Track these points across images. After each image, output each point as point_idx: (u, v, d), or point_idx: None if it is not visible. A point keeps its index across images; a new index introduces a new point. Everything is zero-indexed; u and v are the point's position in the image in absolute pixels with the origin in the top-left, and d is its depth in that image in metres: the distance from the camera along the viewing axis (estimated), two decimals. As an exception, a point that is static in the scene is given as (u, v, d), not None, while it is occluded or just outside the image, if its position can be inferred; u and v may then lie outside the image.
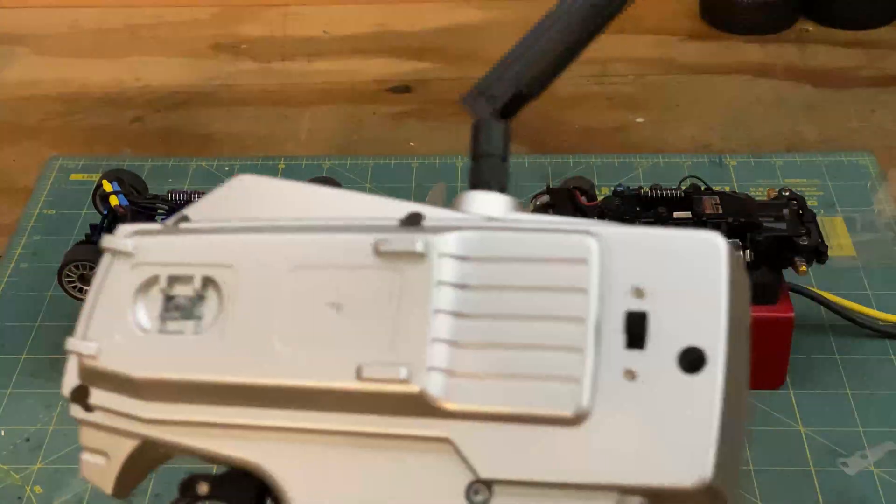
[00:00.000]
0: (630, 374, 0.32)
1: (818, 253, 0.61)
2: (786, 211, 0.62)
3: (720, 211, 0.61)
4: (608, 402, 0.32)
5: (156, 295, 0.36)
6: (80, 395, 0.37)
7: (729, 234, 0.61)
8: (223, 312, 0.35)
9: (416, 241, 0.34)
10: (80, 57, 0.98)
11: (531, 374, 0.32)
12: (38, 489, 0.59)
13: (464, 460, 0.33)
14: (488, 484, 0.33)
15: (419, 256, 0.34)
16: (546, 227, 0.35)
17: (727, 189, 0.68)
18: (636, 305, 0.33)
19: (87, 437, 0.38)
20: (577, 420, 0.32)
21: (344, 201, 0.37)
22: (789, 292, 0.63)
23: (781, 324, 0.61)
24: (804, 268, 0.61)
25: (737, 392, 0.33)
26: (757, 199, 0.64)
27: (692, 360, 0.32)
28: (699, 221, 0.61)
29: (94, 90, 0.93)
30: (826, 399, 0.63)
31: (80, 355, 0.36)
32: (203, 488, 0.37)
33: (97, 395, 0.37)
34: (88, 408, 0.37)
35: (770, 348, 0.62)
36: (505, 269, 0.34)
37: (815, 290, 0.66)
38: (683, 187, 0.64)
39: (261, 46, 0.98)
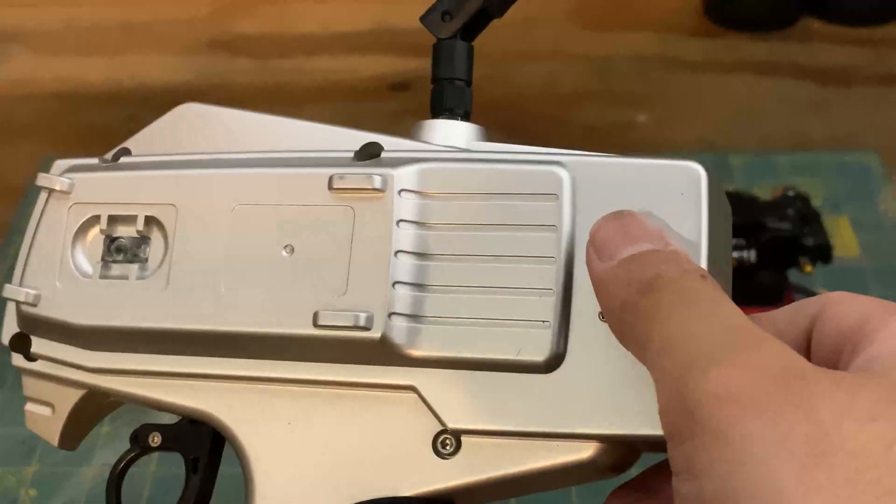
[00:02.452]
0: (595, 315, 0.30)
1: (823, 253, 0.61)
2: (790, 210, 0.62)
3: (724, 210, 0.61)
4: (582, 346, 0.30)
5: (96, 236, 0.34)
6: (20, 344, 0.35)
7: (734, 233, 0.60)
8: (169, 255, 0.33)
9: (374, 176, 0.32)
10: (76, 55, 0.97)
11: (500, 318, 0.31)
12: (32, 492, 0.58)
13: (430, 410, 0.31)
14: (456, 434, 0.31)
15: (377, 193, 0.32)
16: (514, 157, 0.32)
17: (731, 188, 0.67)
18: None
19: (31, 387, 0.36)
20: (549, 366, 0.30)
21: (295, 131, 0.35)
22: (794, 293, 0.62)
23: (786, 325, 0.61)
24: (809, 267, 0.60)
25: None
26: (761, 198, 0.63)
27: None
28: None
29: (90, 88, 0.92)
30: (831, 401, 0.62)
31: (18, 303, 0.35)
32: (156, 439, 0.36)
33: (39, 344, 0.35)
34: (30, 357, 0.35)
35: (775, 350, 0.62)
36: (470, 204, 0.31)
37: (819, 290, 0.65)
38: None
39: (258, 43, 0.98)
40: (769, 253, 0.60)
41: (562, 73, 0.93)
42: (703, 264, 0.30)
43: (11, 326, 0.36)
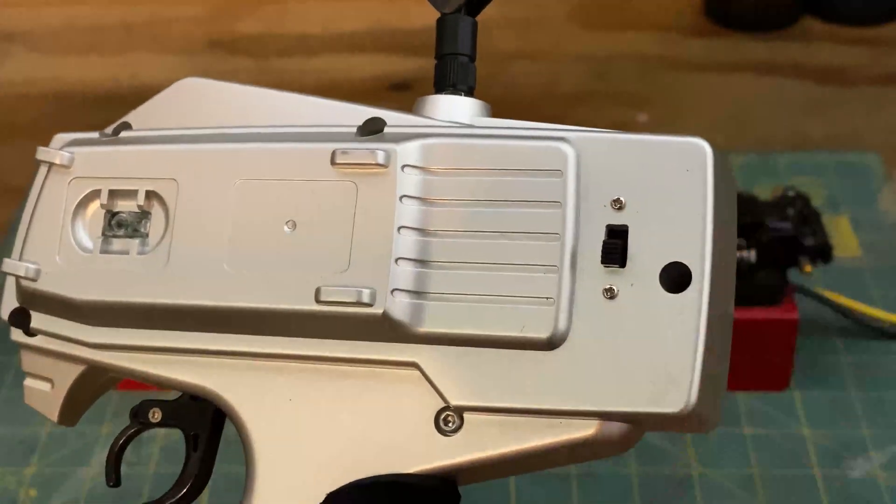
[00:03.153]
0: (610, 293, 0.30)
1: (823, 253, 0.61)
2: (790, 210, 0.61)
3: (724, 210, 0.61)
4: (586, 323, 0.30)
5: (97, 211, 0.34)
6: (20, 319, 0.36)
7: (732, 233, 0.60)
8: (170, 230, 0.33)
9: (377, 151, 0.32)
10: (75, 55, 0.97)
11: (503, 294, 0.31)
12: (32, 492, 0.58)
13: (433, 386, 0.31)
14: (459, 411, 0.31)
15: (380, 168, 0.32)
16: (518, 133, 0.32)
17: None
18: (616, 219, 0.31)
19: (30, 362, 0.36)
20: (553, 343, 0.30)
21: (298, 106, 0.35)
22: (794, 293, 0.62)
23: (785, 325, 0.61)
24: (809, 267, 0.60)
25: (722, 308, 0.31)
26: (761, 198, 0.63)
27: (676, 278, 0.30)
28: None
29: (89, 88, 0.92)
30: (831, 401, 0.62)
31: (17, 277, 0.34)
32: (156, 415, 0.36)
33: (39, 319, 0.35)
34: (30, 332, 0.36)
35: (774, 350, 0.62)
36: (474, 180, 0.31)
37: (819, 290, 0.65)
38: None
39: (258, 43, 0.98)
40: (769, 253, 0.60)
41: (562, 73, 0.93)
42: (709, 242, 0.30)
43: (11, 301, 0.36)
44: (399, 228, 0.31)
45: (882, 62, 0.92)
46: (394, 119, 0.34)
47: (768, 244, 0.60)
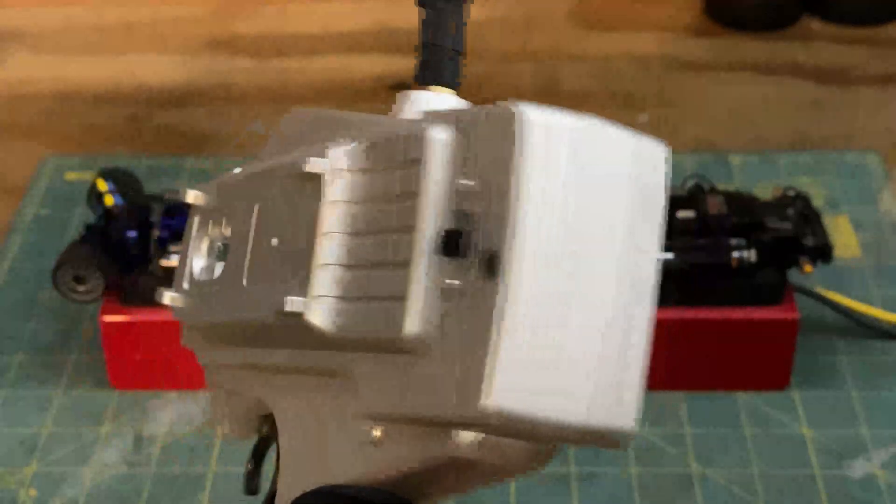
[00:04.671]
0: (452, 287, 0.28)
1: (823, 252, 0.61)
2: (791, 210, 0.62)
3: (725, 210, 0.61)
4: (438, 321, 0.28)
5: (205, 241, 0.38)
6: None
7: (734, 233, 0.60)
8: (232, 254, 0.37)
9: (308, 160, 0.32)
10: (76, 54, 0.97)
11: (374, 293, 0.30)
12: (32, 492, 0.58)
13: (353, 391, 0.31)
14: (375, 420, 0.31)
15: (315, 176, 0.32)
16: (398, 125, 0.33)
17: (731, 188, 0.67)
18: (466, 206, 0.28)
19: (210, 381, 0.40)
20: (411, 344, 0.28)
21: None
22: (794, 293, 0.62)
23: (785, 325, 0.61)
24: (809, 267, 0.60)
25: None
26: (761, 198, 0.63)
27: (490, 265, 0.27)
28: (704, 221, 0.61)
29: (90, 88, 0.92)
30: (830, 401, 0.62)
31: (172, 308, 0.39)
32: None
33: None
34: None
35: (774, 349, 0.62)
36: (369, 179, 0.32)
37: (819, 290, 0.65)
38: (687, 186, 0.63)
39: (258, 43, 0.98)
40: (769, 253, 0.60)
41: (562, 73, 0.93)
42: (516, 232, 0.26)
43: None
44: (324, 234, 0.31)
45: (882, 62, 0.92)
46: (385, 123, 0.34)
47: (768, 244, 0.60)
